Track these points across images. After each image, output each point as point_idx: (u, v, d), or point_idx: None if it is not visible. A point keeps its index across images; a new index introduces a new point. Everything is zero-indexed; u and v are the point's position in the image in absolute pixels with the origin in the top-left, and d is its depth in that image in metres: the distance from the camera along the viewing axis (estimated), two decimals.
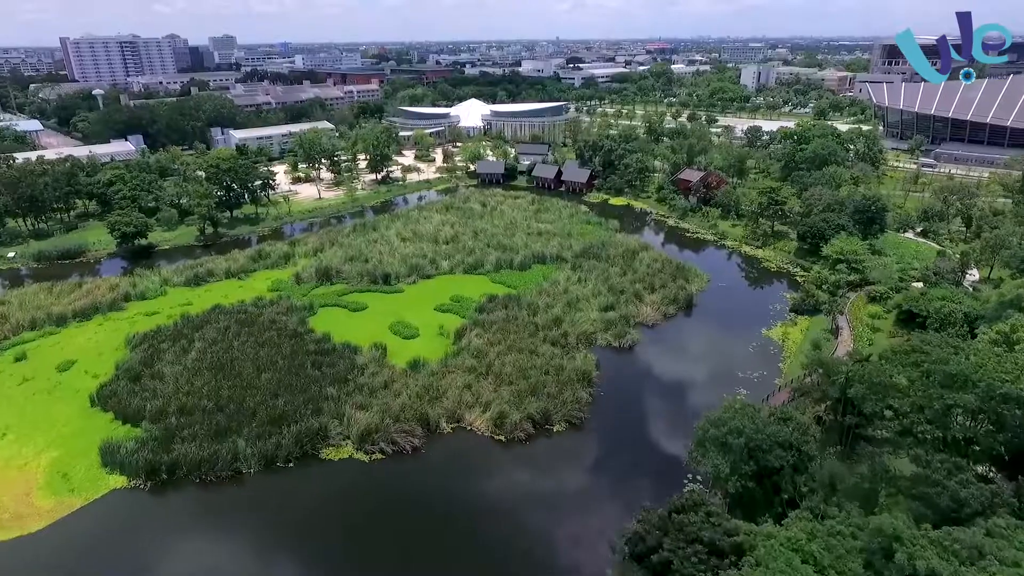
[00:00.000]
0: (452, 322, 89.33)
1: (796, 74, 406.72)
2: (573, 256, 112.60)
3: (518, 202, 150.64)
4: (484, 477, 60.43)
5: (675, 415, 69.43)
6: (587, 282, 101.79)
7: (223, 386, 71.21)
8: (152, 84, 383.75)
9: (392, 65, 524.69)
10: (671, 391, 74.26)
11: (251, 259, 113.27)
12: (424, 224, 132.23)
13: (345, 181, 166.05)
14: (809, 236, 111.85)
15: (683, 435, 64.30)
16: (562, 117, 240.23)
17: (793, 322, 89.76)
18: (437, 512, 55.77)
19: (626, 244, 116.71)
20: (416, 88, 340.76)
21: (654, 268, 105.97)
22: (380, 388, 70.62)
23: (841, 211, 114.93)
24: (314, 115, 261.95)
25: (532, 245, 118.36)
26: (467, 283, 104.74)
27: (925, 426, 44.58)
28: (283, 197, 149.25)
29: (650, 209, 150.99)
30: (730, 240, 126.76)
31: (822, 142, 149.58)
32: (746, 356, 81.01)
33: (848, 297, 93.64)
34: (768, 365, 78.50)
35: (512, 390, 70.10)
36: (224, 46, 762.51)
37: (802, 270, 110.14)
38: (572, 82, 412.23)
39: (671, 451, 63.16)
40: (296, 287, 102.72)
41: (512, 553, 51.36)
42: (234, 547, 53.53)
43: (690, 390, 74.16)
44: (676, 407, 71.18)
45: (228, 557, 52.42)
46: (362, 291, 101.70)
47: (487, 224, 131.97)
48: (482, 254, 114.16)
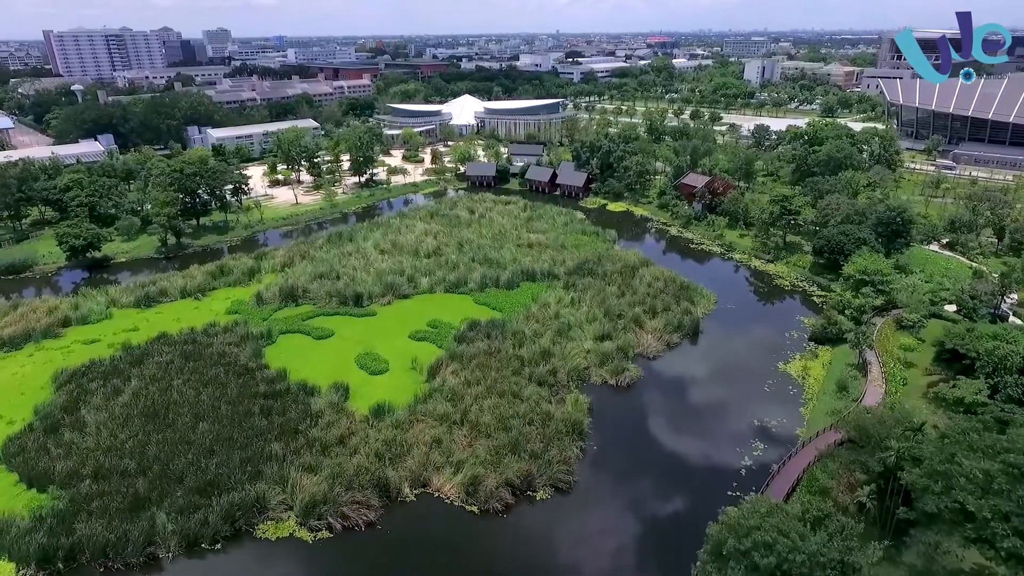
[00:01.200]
0: (427, 353, 78.90)
1: (801, 69, 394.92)
2: (566, 273, 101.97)
3: (509, 208, 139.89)
4: (450, 560, 50.04)
5: (681, 479, 59.00)
6: (581, 304, 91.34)
7: (152, 440, 60.78)
8: (138, 79, 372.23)
9: (387, 59, 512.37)
10: (675, 446, 63.74)
11: (211, 275, 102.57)
12: (406, 234, 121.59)
13: (325, 185, 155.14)
14: (826, 250, 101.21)
15: (690, 507, 54.15)
16: (558, 115, 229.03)
17: (813, 354, 79.18)
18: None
19: (625, 259, 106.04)
20: (409, 83, 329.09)
21: (656, 287, 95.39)
22: (334, 444, 60.13)
23: (862, 223, 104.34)
24: (300, 112, 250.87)
25: (522, 259, 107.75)
26: (448, 304, 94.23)
27: (1013, 540, 34.22)
28: (255, 203, 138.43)
29: (651, 216, 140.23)
30: (738, 253, 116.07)
31: (836, 144, 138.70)
32: (761, 398, 70.52)
33: (874, 324, 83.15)
34: (788, 410, 68.02)
35: (489, 445, 59.68)
36: (218, 40, 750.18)
37: (819, 289, 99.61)
38: (571, 77, 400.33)
39: (674, 529, 52.77)
40: (256, 309, 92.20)
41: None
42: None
43: (698, 444, 63.60)
44: (681, 468, 60.66)
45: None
46: (330, 314, 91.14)
47: (474, 234, 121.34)
48: (466, 270, 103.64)
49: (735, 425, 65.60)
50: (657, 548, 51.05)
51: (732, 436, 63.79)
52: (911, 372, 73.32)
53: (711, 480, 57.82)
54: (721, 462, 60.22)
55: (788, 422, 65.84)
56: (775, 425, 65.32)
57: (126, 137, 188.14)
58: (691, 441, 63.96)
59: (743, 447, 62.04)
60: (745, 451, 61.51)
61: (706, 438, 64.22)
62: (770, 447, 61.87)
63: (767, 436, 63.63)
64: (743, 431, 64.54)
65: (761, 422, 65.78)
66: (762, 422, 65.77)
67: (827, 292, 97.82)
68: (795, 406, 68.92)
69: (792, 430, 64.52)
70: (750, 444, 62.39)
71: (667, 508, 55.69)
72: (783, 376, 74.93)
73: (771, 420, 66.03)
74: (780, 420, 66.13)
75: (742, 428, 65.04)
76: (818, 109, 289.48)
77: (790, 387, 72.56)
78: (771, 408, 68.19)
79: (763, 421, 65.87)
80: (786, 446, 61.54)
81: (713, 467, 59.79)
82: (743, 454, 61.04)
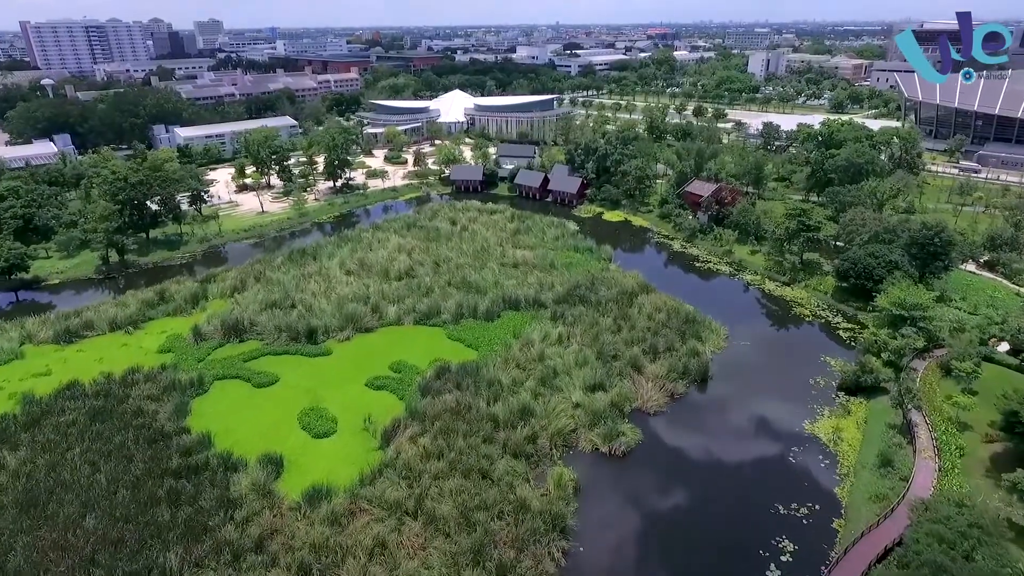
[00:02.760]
0: (385, 407, 66.28)
1: (808, 62, 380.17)
2: (554, 300, 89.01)
3: (495, 219, 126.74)
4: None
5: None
6: (570, 341, 78.56)
7: (18, 542, 48.03)
8: (117, 72, 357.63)
9: (379, 51, 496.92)
10: (680, 546, 50.99)
11: (147, 304, 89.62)
12: (377, 250, 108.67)
13: (295, 191, 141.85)
14: (852, 274, 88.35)
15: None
16: (553, 112, 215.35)
17: (845, 409, 66.35)
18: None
19: (621, 283, 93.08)
20: (399, 77, 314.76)
21: (657, 320, 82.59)
22: (250, 549, 47.36)
23: (891, 241, 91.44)
24: (280, 108, 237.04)
25: (505, 282, 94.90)
26: (417, 339, 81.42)
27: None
28: (214, 213, 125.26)
29: (651, 228, 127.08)
30: (749, 273, 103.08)
31: (856, 148, 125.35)
32: (785, 473, 57.82)
33: (915, 370, 70.41)
34: (820, 491, 55.31)
35: (447, 551, 47.02)
36: (210, 31, 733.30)
37: (845, 319, 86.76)
38: (568, 70, 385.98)
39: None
40: (193, 347, 79.33)
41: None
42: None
43: (708, 547, 50.74)
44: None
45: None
46: (278, 353, 78.32)
47: (453, 250, 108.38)
48: (441, 295, 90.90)
49: (754, 515, 52.83)
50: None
51: (751, 531, 51.09)
52: (967, 436, 60.56)
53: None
54: (738, 573, 47.52)
55: (821, 510, 53.13)
56: (805, 515, 52.58)
57: (84, 137, 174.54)
58: (700, 538, 51.15)
59: (766, 548, 49.36)
60: (770, 554, 48.82)
61: (718, 535, 51.34)
62: (801, 547, 49.19)
63: (796, 531, 50.90)
64: (765, 523, 51.84)
65: (788, 510, 53.05)
66: (789, 510, 53.04)
67: (854, 323, 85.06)
68: (828, 483, 56.21)
69: (827, 522, 51.85)
70: (774, 544, 49.69)
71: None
72: (810, 440, 62.17)
73: (799, 508, 53.28)
74: (812, 506, 53.40)
75: (763, 519, 52.30)
76: (827, 104, 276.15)
77: (820, 456, 59.81)
78: (798, 489, 55.46)
79: (790, 509, 53.13)
80: (821, 547, 48.92)
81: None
82: (767, 560, 48.34)
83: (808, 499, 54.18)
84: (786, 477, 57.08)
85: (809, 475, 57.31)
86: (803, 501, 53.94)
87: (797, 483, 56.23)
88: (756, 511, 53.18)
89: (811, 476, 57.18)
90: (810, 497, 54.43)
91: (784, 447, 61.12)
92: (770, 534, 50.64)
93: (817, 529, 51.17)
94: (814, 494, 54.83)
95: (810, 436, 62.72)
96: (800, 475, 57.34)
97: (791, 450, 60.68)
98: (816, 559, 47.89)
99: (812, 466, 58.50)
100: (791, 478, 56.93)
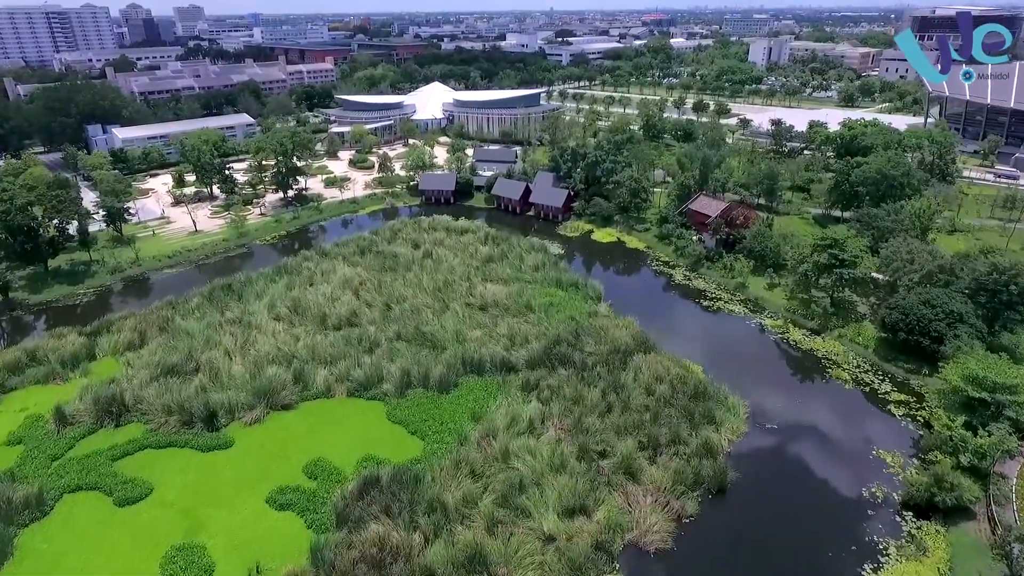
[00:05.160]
0: (285, 543, 48.06)
1: (812, 50, 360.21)
2: (528, 361, 70.49)
3: (465, 240, 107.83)
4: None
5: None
6: (545, 425, 60.26)
7: None
8: (78, 62, 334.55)
9: (362, 39, 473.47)
10: None
11: (9, 368, 70.61)
12: (320, 285, 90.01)
13: (235, 205, 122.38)
14: (903, 328, 70.12)
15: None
16: (539, 108, 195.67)
17: (919, 547, 48.08)
18: None
19: (613, 336, 74.40)
20: (377, 67, 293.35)
21: (658, 393, 64.23)
22: None
23: (949, 283, 73.23)
24: (243, 103, 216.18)
25: (470, 333, 76.43)
26: (347, 421, 62.97)
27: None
28: (134, 235, 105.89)
29: (649, 251, 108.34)
30: (768, 315, 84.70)
31: (890, 159, 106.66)
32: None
33: (1006, 478, 52.41)
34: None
35: None
36: (190, 17, 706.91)
37: (894, 386, 68.60)
38: (559, 59, 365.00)
39: None
40: (52, 436, 60.58)
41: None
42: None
43: None
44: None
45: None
46: (162, 445, 59.77)
47: (411, 286, 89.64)
48: (388, 352, 72.52)
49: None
50: None
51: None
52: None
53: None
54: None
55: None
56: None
57: (6, 139, 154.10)
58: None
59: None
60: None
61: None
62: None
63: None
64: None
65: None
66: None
67: (908, 392, 66.99)
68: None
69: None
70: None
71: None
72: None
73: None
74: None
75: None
76: (836, 97, 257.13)
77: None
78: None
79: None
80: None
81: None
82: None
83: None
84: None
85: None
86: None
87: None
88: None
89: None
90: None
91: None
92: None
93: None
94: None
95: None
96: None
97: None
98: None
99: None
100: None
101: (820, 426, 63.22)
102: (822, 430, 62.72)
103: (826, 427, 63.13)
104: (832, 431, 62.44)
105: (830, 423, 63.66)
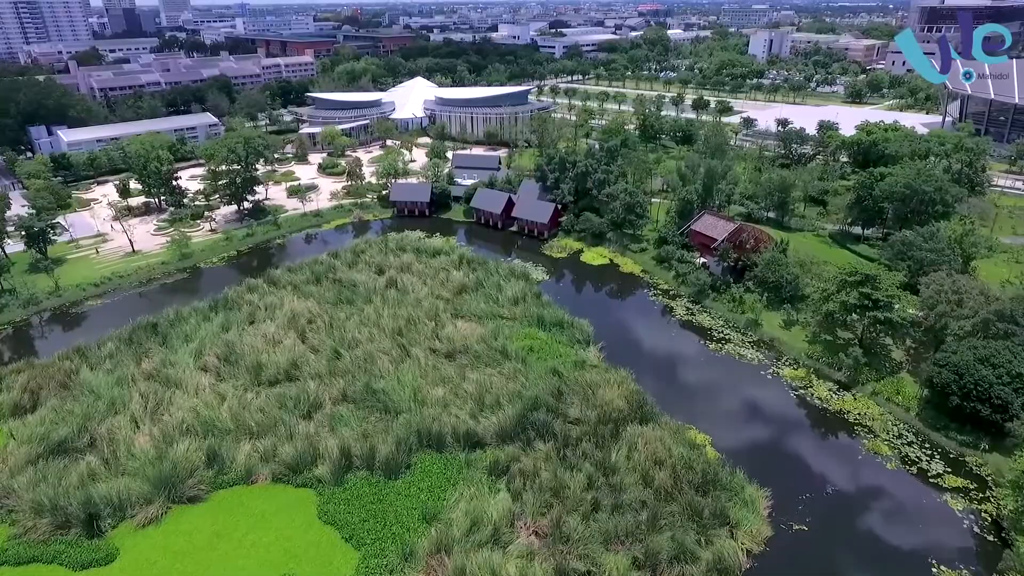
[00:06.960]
0: None
1: (815, 43, 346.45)
2: (499, 430, 57.54)
3: (437, 263, 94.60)
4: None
5: None
6: (514, 529, 47.45)
7: None
8: (46, 55, 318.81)
9: (348, 31, 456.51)
10: None
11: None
12: (261, 323, 76.77)
13: (181, 220, 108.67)
14: (957, 392, 57.39)
15: None
16: (527, 106, 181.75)
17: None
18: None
19: (604, 398, 61.28)
20: (359, 61, 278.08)
21: (659, 482, 51.34)
22: None
23: (1010, 334, 60.48)
24: (212, 100, 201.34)
25: (431, 392, 63.37)
26: (266, 520, 49.98)
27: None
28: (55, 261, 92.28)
29: (645, 276, 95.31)
30: (787, 364, 71.74)
31: (920, 171, 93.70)
32: None
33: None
34: None
35: None
36: (175, 7, 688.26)
37: (946, 465, 55.94)
38: (552, 52, 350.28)
39: None
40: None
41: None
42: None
43: None
44: None
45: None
46: (24, 561, 46.67)
47: (367, 325, 76.29)
48: (329, 419, 59.48)
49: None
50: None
51: None
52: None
53: None
54: None
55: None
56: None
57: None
58: None
59: None
60: None
61: None
62: None
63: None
64: None
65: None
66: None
67: (964, 475, 54.37)
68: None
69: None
70: None
71: None
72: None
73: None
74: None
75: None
76: (842, 93, 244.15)
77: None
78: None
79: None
80: None
81: None
82: None
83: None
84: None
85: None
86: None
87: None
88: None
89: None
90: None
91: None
92: None
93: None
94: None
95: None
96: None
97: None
98: None
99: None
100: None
101: (860, 526, 50.38)
102: (863, 531, 49.88)
103: (868, 527, 50.29)
104: (877, 533, 49.59)
105: (872, 521, 50.81)
